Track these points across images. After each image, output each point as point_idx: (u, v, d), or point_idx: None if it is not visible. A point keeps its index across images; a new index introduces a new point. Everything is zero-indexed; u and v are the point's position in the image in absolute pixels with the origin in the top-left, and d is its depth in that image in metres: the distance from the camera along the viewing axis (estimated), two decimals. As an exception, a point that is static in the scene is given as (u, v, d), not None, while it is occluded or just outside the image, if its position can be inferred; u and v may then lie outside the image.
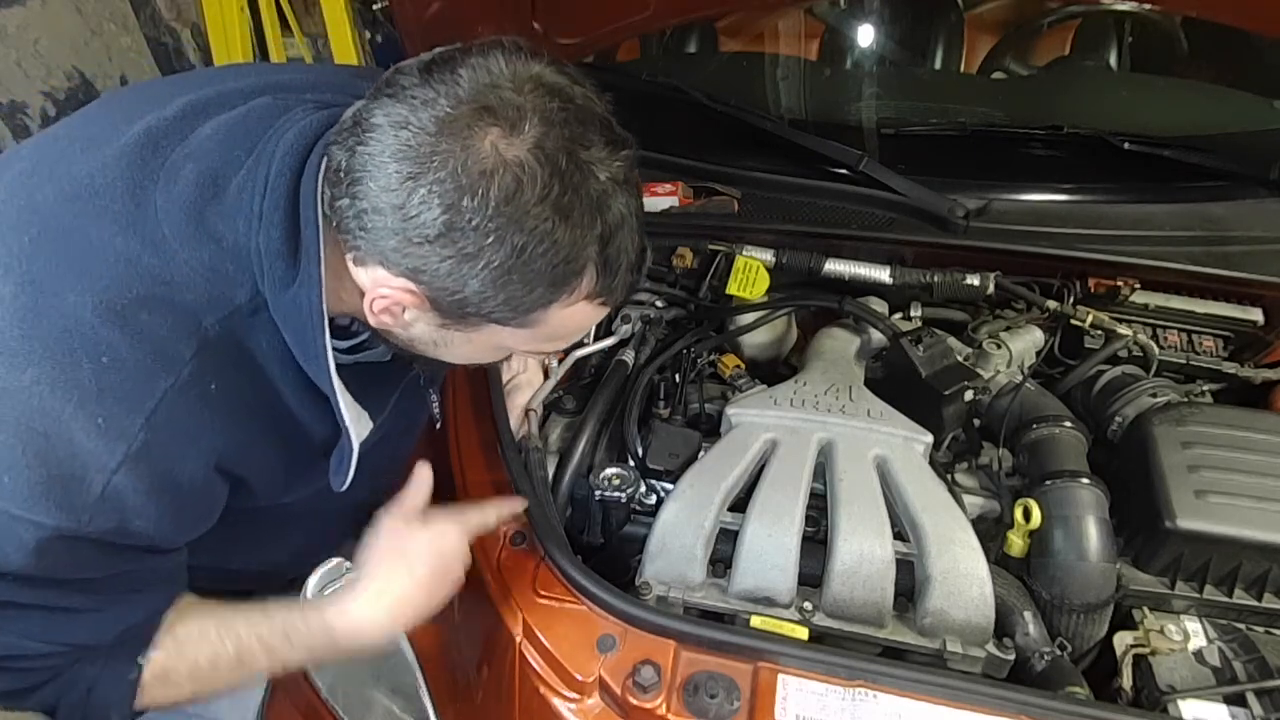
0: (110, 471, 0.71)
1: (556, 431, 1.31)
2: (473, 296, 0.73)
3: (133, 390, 0.72)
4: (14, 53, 2.92)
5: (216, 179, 0.76)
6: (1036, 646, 1.04)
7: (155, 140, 0.77)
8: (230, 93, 0.82)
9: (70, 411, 0.69)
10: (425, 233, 0.69)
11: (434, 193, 0.67)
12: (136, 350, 0.71)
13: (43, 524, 0.70)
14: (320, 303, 0.76)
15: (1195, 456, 1.11)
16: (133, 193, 0.74)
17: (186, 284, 0.74)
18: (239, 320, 0.77)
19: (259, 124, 0.79)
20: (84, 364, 0.70)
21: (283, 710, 1.19)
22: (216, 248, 0.75)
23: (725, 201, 1.59)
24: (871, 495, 1.07)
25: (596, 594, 0.96)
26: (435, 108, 0.68)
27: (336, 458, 0.87)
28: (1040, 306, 1.41)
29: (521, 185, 0.68)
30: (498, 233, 0.68)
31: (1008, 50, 2.01)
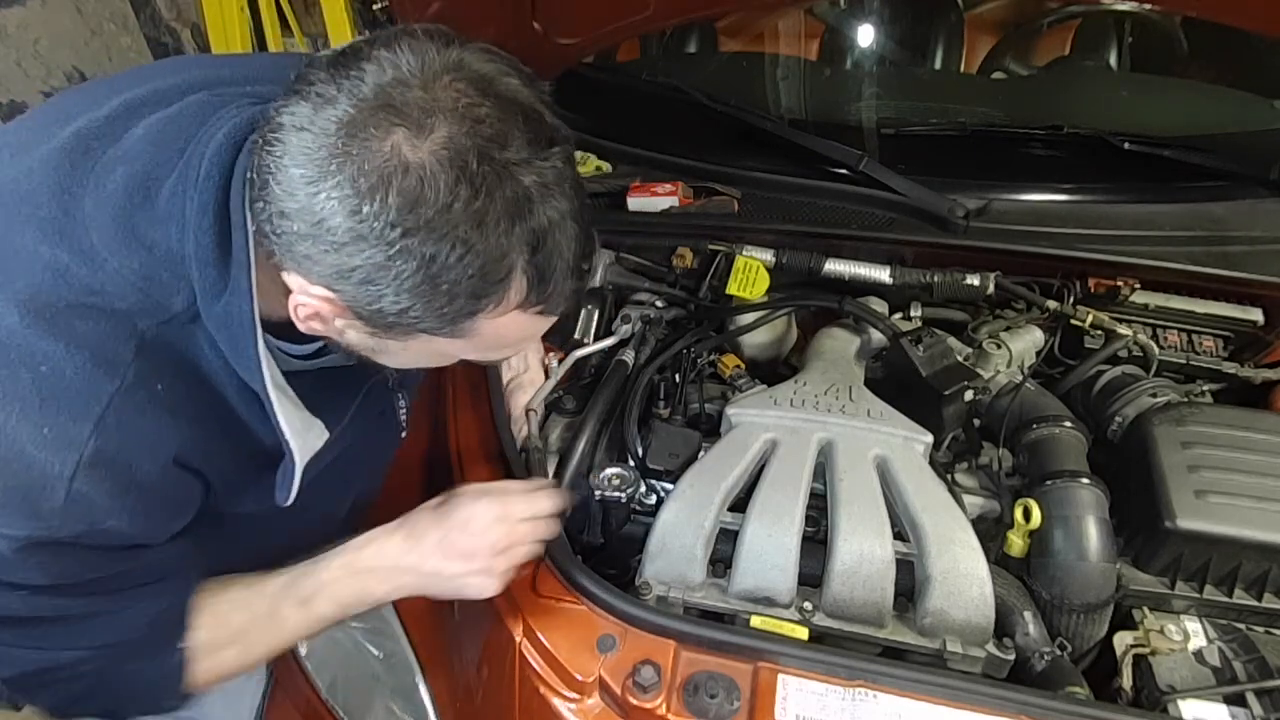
0: (68, 480, 0.70)
1: (556, 431, 1.31)
2: (389, 307, 0.68)
3: (76, 398, 0.70)
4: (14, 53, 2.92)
5: (147, 183, 0.73)
6: (1036, 646, 1.04)
7: (86, 142, 0.74)
8: (166, 89, 0.79)
9: (14, 424, 0.68)
10: (333, 240, 0.65)
11: (333, 198, 0.63)
12: (75, 357, 0.70)
13: (14, 535, 0.70)
14: (252, 312, 0.73)
15: (1195, 456, 1.11)
16: (60, 198, 0.72)
17: (118, 293, 0.72)
18: (176, 327, 0.74)
19: (191, 122, 0.76)
20: (21, 374, 0.68)
21: (283, 711, 1.19)
22: (148, 255, 0.72)
23: (725, 201, 1.59)
24: (871, 495, 1.07)
25: (596, 594, 0.96)
26: (336, 107, 0.63)
27: (281, 474, 0.85)
28: (1040, 306, 1.41)
29: (424, 190, 0.63)
30: (404, 241, 0.64)
31: (1008, 50, 2.01)
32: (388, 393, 1.02)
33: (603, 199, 1.64)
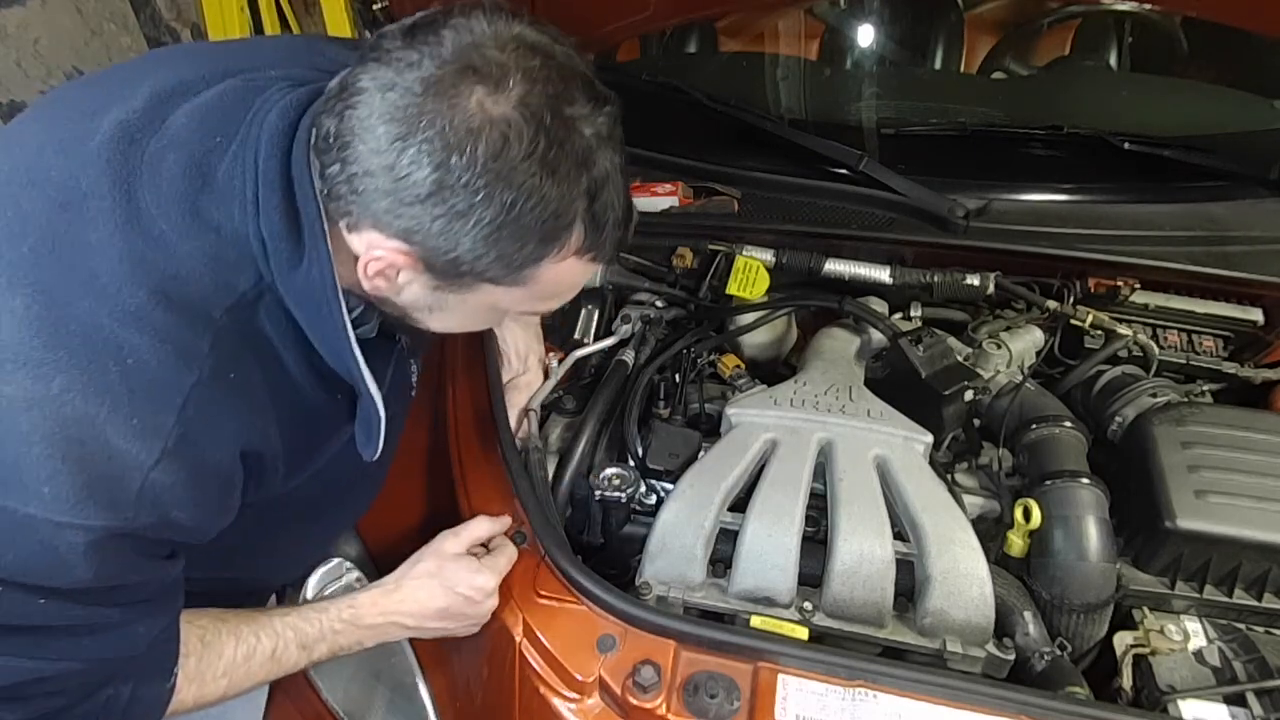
0: (148, 469, 0.71)
1: (556, 431, 1.31)
2: (465, 255, 0.73)
3: (161, 388, 0.72)
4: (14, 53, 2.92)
5: (202, 167, 0.75)
6: (1036, 646, 1.04)
7: (130, 134, 0.76)
8: (193, 79, 0.81)
9: (104, 415, 0.69)
10: (416, 192, 0.70)
11: (423, 152, 0.68)
12: (158, 349, 0.72)
13: (92, 526, 0.70)
14: (334, 276, 0.76)
15: (1195, 456, 1.11)
16: (121, 189, 0.74)
17: (192, 276, 0.74)
18: (244, 309, 0.77)
19: (235, 107, 0.79)
20: (110, 368, 0.70)
21: (283, 711, 1.19)
22: (215, 237, 0.75)
23: (725, 201, 1.59)
24: (871, 495, 1.07)
25: (596, 594, 0.96)
26: (421, 69, 0.69)
27: (363, 429, 0.88)
28: (1040, 306, 1.41)
29: (508, 141, 0.68)
30: (487, 189, 0.69)
31: (1008, 50, 2.01)
32: (405, 360, 1.04)
33: (603, 199, 1.64)
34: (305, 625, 0.95)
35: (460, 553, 1.02)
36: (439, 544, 1.03)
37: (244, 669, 0.91)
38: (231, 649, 0.90)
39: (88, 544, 0.70)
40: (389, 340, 0.97)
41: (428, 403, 1.32)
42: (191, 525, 0.78)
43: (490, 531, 1.06)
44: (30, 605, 0.72)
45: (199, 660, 0.88)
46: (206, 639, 0.89)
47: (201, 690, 0.88)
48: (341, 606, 0.99)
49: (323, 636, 0.96)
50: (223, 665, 0.89)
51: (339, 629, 0.97)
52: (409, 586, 1.01)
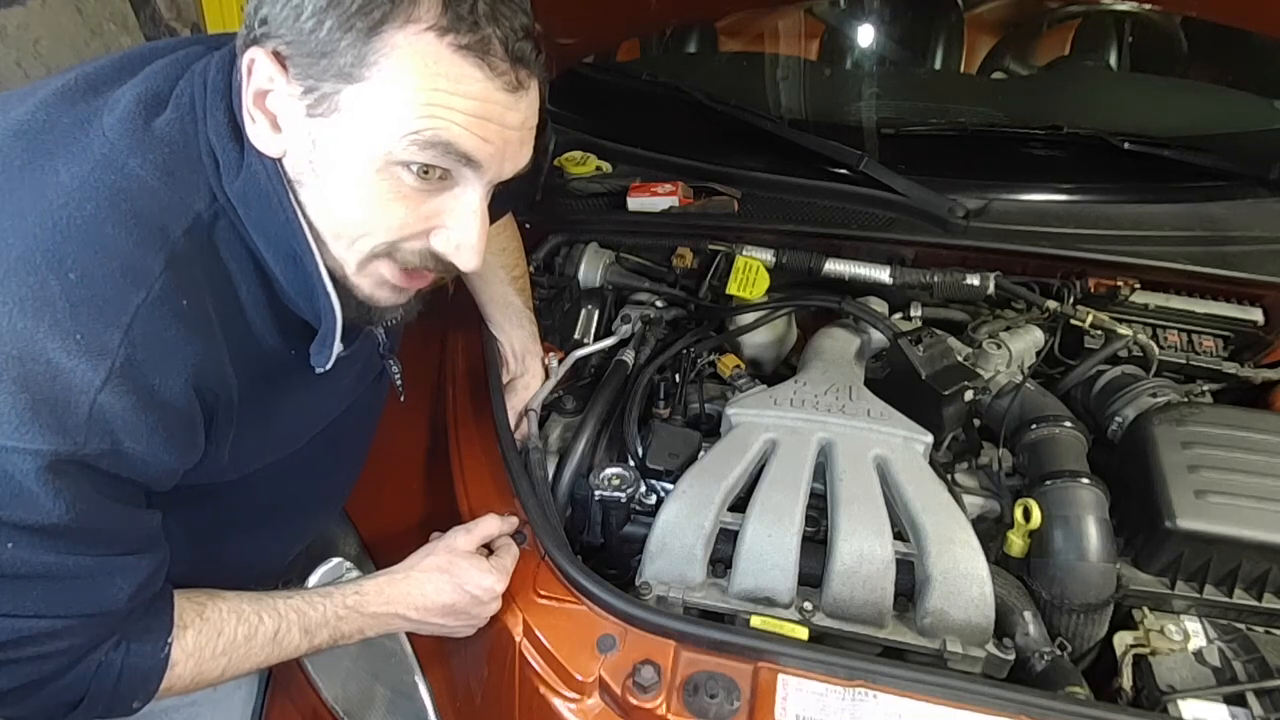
0: (96, 390, 0.69)
1: (556, 431, 1.31)
2: (309, 30, 0.71)
3: (106, 305, 0.69)
4: (14, 53, 2.92)
5: (157, 95, 0.78)
6: (1036, 646, 1.04)
7: (94, 83, 0.78)
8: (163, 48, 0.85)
9: (44, 331, 0.67)
10: None
11: None
12: (104, 264, 0.69)
13: (39, 450, 0.67)
14: (276, 166, 0.77)
15: (1195, 456, 1.11)
16: (78, 122, 0.75)
17: (144, 191, 0.73)
18: (200, 231, 0.76)
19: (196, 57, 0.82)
20: (50, 281, 0.68)
21: (283, 710, 1.19)
22: (168, 151, 0.75)
23: (725, 201, 1.59)
24: (871, 495, 1.07)
25: (596, 594, 0.96)
26: None
27: (319, 341, 0.85)
28: (1040, 306, 1.41)
29: None
30: None
31: (1008, 50, 2.02)
32: (379, 360, 1.03)
33: (603, 199, 1.64)
34: (309, 609, 0.93)
35: (471, 550, 1.02)
36: (451, 539, 1.02)
37: (244, 649, 0.88)
38: (232, 626, 0.88)
39: (38, 470, 0.67)
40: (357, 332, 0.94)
41: (428, 403, 1.32)
42: (148, 458, 0.75)
43: (499, 530, 1.06)
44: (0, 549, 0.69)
45: (197, 634, 0.85)
46: (205, 614, 0.87)
47: (200, 668, 0.86)
48: (347, 592, 0.97)
49: (325, 622, 0.94)
50: (222, 643, 0.87)
51: (342, 615, 0.96)
52: (418, 578, 1.00)
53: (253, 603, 0.90)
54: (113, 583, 0.77)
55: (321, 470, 1.07)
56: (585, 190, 1.64)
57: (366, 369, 1.01)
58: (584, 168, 1.70)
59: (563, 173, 1.69)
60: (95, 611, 0.77)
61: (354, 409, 1.04)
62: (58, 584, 0.74)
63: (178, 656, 0.83)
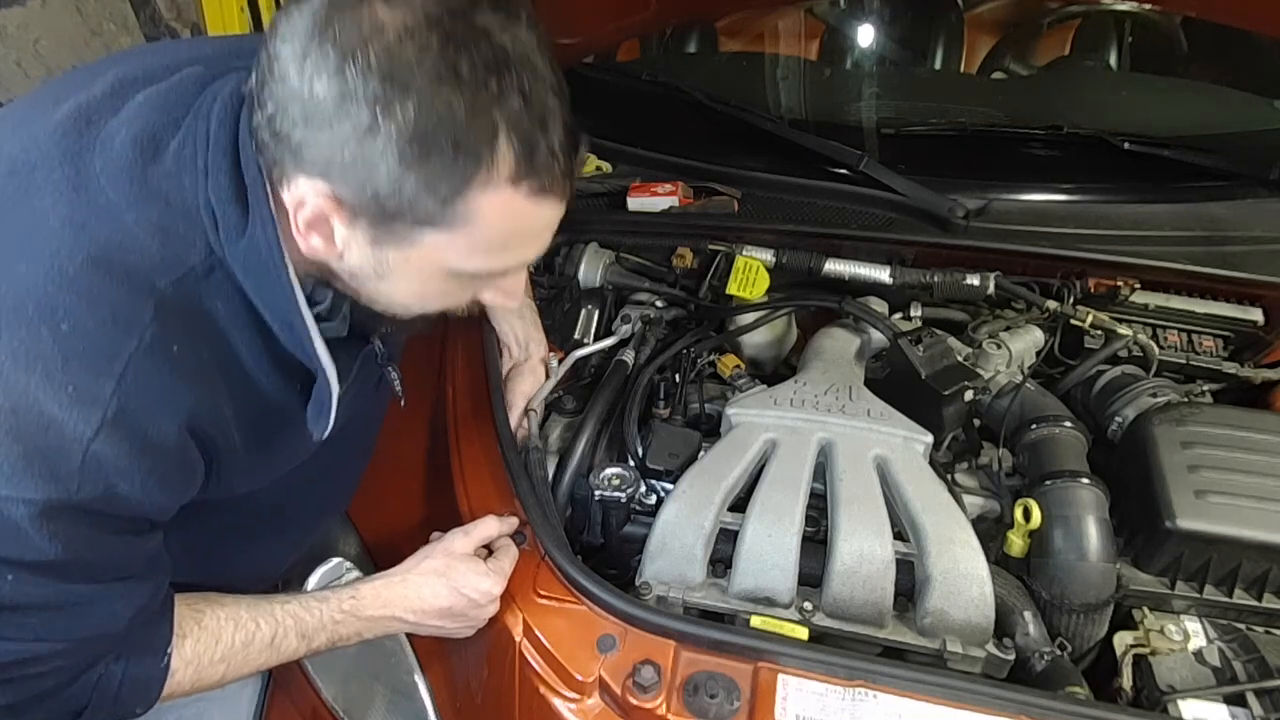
0: (88, 439, 0.69)
1: (556, 431, 1.31)
2: (385, 185, 0.69)
3: (98, 355, 0.70)
4: (14, 53, 2.92)
5: (154, 140, 0.75)
6: (1036, 646, 1.04)
7: (87, 115, 0.76)
8: (156, 68, 0.82)
9: (36, 383, 0.67)
10: (322, 113, 0.66)
11: (321, 66, 0.66)
12: (96, 314, 0.70)
13: (32, 499, 0.68)
14: (278, 236, 0.75)
15: (1195, 456, 1.11)
16: (71, 161, 0.73)
17: (137, 246, 0.72)
18: (193, 282, 0.75)
19: (190, 90, 0.79)
20: (43, 333, 0.68)
21: (283, 710, 1.19)
22: (165, 207, 0.74)
23: (725, 201, 1.59)
24: (871, 495, 1.07)
25: (596, 594, 0.96)
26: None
27: (315, 405, 0.85)
28: (1040, 306, 1.41)
29: (403, 44, 0.65)
30: (386, 98, 0.65)
31: (1008, 50, 2.02)
32: (378, 367, 1.03)
33: (603, 199, 1.64)
34: (305, 614, 0.94)
35: (469, 552, 1.02)
36: (449, 542, 1.02)
37: (242, 654, 0.90)
38: (230, 633, 0.89)
39: (32, 516, 0.68)
40: (360, 340, 0.95)
41: (428, 403, 1.32)
42: (143, 499, 0.75)
43: (498, 532, 1.06)
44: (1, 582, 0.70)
45: (195, 642, 0.86)
46: (204, 622, 0.88)
47: (199, 674, 0.87)
48: (343, 597, 0.98)
49: (323, 626, 0.95)
50: (220, 650, 0.88)
51: (339, 619, 0.96)
52: (415, 581, 1.00)
53: (250, 609, 0.91)
54: (111, 607, 0.78)
55: (323, 479, 1.07)
56: (585, 190, 1.64)
57: (366, 379, 1.01)
58: (584, 168, 1.70)
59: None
60: (95, 635, 0.79)
61: (355, 418, 1.04)
62: (58, 612, 0.75)
63: (177, 665, 0.85)
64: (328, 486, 1.12)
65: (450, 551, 1.01)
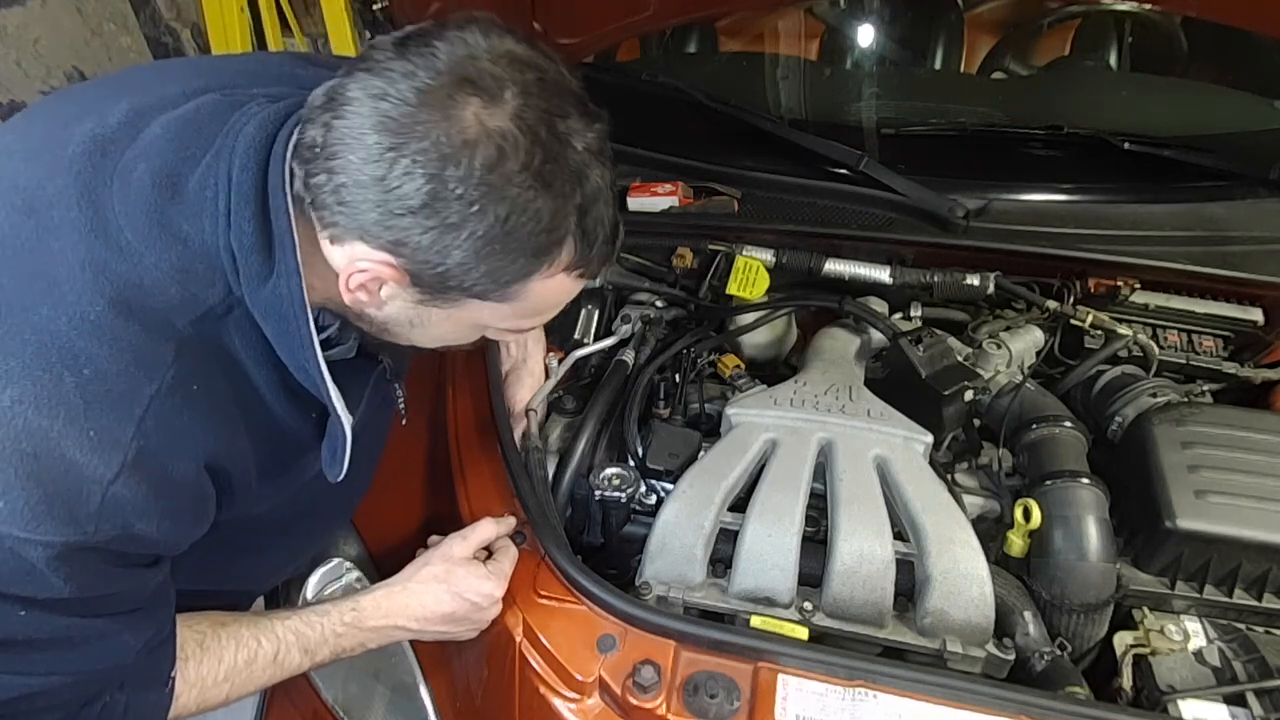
0: (108, 483, 0.70)
1: (556, 431, 1.31)
2: (455, 268, 0.73)
3: (120, 400, 0.70)
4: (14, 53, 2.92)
5: (173, 178, 0.74)
6: (1036, 646, 1.04)
7: (102, 146, 0.75)
8: (172, 96, 0.80)
9: (59, 428, 0.68)
10: (408, 204, 0.69)
11: (417, 163, 0.67)
12: (117, 359, 0.70)
13: (50, 542, 0.69)
14: (302, 291, 0.75)
15: (1195, 456, 1.11)
16: (88, 198, 0.73)
17: (156, 287, 0.73)
18: (212, 321, 0.76)
19: (210, 120, 0.78)
20: (65, 378, 0.69)
21: (283, 711, 1.19)
22: (183, 248, 0.74)
23: (725, 201, 1.59)
24: (871, 495, 1.07)
25: (596, 594, 0.96)
26: (414, 79, 0.68)
27: (329, 448, 0.87)
28: (1040, 306, 1.41)
29: (504, 154, 0.68)
30: (481, 202, 0.69)
31: (1008, 50, 2.01)
32: (386, 383, 1.04)
33: (602, 199, 1.64)
34: (307, 629, 0.95)
35: (468, 557, 1.02)
36: (446, 548, 1.02)
37: (245, 673, 0.90)
38: (231, 653, 0.90)
39: (50, 558, 0.69)
40: (370, 360, 0.96)
41: (428, 403, 1.32)
42: (159, 537, 0.76)
43: (496, 533, 1.06)
44: (11, 617, 0.71)
45: (198, 665, 0.87)
46: (205, 643, 0.88)
47: (203, 695, 0.88)
48: (344, 609, 0.98)
49: (325, 640, 0.96)
50: (223, 670, 0.89)
51: (341, 632, 0.97)
52: (415, 590, 1.00)
53: (251, 627, 0.92)
54: (121, 640, 0.79)
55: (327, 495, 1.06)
56: (585, 190, 1.64)
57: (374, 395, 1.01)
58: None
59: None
60: (104, 668, 0.79)
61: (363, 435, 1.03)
62: (68, 646, 0.76)
63: (181, 688, 0.85)
64: (332, 502, 1.11)
65: (449, 557, 1.01)
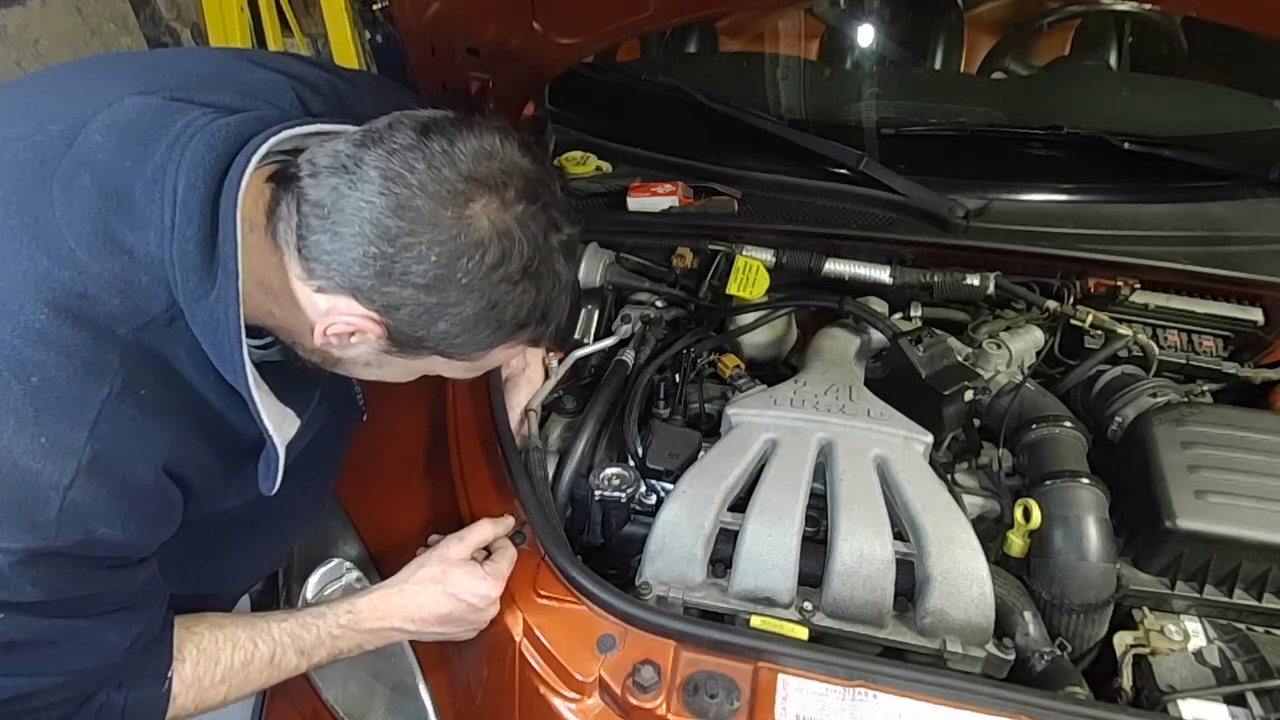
0: (64, 488, 0.71)
1: (556, 431, 1.31)
2: (435, 335, 0.80)
3: (70, 406, 0.71)
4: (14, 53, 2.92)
5: (118, 189, 0.75)
6: (1036, 646, 1.04)
7: (41, 154, 0.75)
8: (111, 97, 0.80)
9: (9, 437, 0.69)
10: (413, 280, 0.76)
11: (431, 250, 0.74)
12: (65, 366, 0.71)
13: (11, 549, 0.70)
14: (238, 317, 0.76)
15: (1195, 456, 1.11)
16: (28, 206, 0.73)
17: (100, 296, 0.73)
18: (154, 330, 0.76)
19: (153, 127, 0.78)
20: (13, 386, 0.69)
21: (283, 711, 1.19)
22: (129, 260, 0.74)
23: (725, 201, 1.59)
24: (871, 495, 1.07)
25: (596, 594, 0.96)
26: (436, 173, 0.75)
27: (263, 464, 0.87)
28: (1040, 306, 1.41)
29: (507, 255, 0.77)
30: (479, 289, 0.77)
31: (1008, 50, 2.01)
32: (343, 380, 1.04)
33: (603, 199, 1.64)
34: (303, 632, 0.95)
35: (465, 558, 1.02)
36: (443, 549, 1.03)
37: (243, 675, 0.91)
38: (229, 655, 0.90)
39: (13, 564, 0.70)
40: None
41: (428, 403, 1.32)
42: (124, 539, 0.77)
43: (494, 535, 1.06)
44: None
45: (195, 665, 0.88)
46: (203, 645, 0.89)
47: (201, 696, 0.89)
48: (340, 612, 0.98)
49: (321, 642, 0.96)
50: (220, 671, 0.90)
51: (337, 634, 0.97)
52: (411, 591, 1.01)
53: (248, 629, 0.93)
54: (106, 638, 0.80)
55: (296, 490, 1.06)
56: (585, 190, 1.64)
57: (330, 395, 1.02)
58: (584, 168, 1.70)
59: (563, 173, 1.69)
60: (92, 666, 0.80)
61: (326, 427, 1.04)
62: (52, 646, 0.77)
63: (178, 689, 0.86)
64: (301, 496, 1.11)
65: (445, 558, 1.02)
